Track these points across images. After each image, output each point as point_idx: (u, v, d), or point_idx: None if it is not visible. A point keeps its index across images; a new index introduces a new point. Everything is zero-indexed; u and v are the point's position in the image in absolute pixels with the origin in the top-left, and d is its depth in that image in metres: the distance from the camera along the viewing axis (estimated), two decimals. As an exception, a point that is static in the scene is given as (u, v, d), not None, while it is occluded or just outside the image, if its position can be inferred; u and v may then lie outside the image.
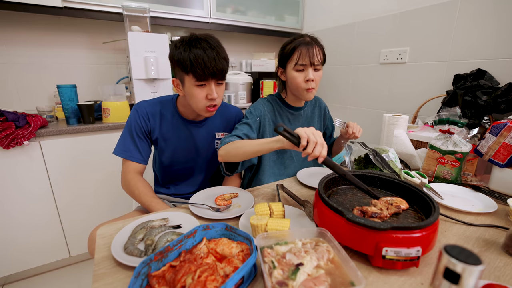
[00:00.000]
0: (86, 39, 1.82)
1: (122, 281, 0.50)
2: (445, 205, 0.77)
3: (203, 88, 0.86)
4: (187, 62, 0.81)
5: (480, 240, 0.63)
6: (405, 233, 0.51)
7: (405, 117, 1.14)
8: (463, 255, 0.31)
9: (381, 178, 0.76)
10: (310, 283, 0.44)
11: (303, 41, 0.95)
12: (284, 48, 0.99)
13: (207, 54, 0.81)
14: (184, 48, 0.82)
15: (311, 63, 0.93)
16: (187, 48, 0.82)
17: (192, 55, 0.81)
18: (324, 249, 0.51)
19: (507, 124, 0.84)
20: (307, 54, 0.93)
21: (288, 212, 0.73)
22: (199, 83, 0.84)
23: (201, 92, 0.86)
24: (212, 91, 0.86)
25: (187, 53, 0.81)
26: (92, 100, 1.73)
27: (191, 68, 0.82)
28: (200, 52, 0.81)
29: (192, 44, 0.82)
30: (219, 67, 0.83)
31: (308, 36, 0.97)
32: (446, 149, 0.91)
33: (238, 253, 0.52)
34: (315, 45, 0.95)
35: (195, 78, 0.83)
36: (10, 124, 1.26)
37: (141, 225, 0.65)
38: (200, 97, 0.87)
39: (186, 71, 0.83)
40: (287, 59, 0.98)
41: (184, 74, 0.85)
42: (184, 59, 0.82)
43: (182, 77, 0.87)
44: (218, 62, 0.83)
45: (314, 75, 0.95)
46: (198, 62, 0.81)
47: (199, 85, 0.85)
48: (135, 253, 0.56)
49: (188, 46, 0.82)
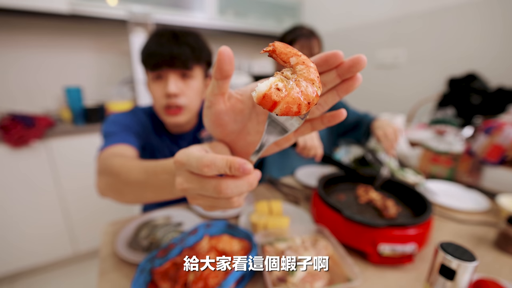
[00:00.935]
0: (91, 42, 1.84)
1: (126, 277, 0.51)
2: (439, 203, 0.79)
3: (160, 82, 0.70)
4: (141, 52, 0.71)
5: (472, 236, 0.65)
6: (400, 230, 0.52)
7: (400, 118, 1.16)
8: (458, 252, 0.32)
9: (377, 177, 0.78)
10: (308, 279, 0.46)
11: (303, 33, 0.96)
12: (284, 38, 0.99)
13: (162, 38, 0.69)
14: (147, 39, 0.72)
15: (311, 54, 0.95)
16: (148, 39, 0.71)
17: (147, 42, 0.71)
18: (323, 246, 0.53)
19: (498, 125, 0.86)
20: (307, 46, 0.94)
21: (288, 210, 0.75)
22: (154, 74, 0.70)
23: (158, 87, 0.71)
24: (167, 84, 0.68)
25: (145, 43, 0.71)
26: (97, 101, 1.74)
27: (143, 57, 0.70)
28: (154, 38, 0.70)
29: (155, 34, 0.71)
30: (175, 52, 0.67)
31: (308, 28, 0.98)
32: (440, 149, 0.93)
33: (239, 250, 0.53)
34: (314, 38, 0.96)
35: (149, 68, 0.70)
36: (18, 125, 1.28)
37: (145, 223, 0.66)
38: (158, 94, 0.70)
39: (142, 63, 0.72)
40: None
41: (145, 70, 0.73)
42: (141, 50, 0.71)
43: (146, 74, 0.75)
44: (174, 47, 0.67)
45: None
46: (150, 48, 0.68)
47: (156, 78, 0.71)
48: (138, 250, 0.57)
49: (150, 36, 0.72)
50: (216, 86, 0.26)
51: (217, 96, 0.27)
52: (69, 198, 1.52)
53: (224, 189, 0.24)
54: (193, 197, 0.27)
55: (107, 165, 0.50)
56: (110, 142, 0.63)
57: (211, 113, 0.28)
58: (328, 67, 0.26)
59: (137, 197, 0.45)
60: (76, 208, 1.55)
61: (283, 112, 0.22)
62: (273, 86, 0.21)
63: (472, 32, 1.35)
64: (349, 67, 0.25)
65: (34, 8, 1.38)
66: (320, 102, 0.28)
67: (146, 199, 0.44)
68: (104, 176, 0.51)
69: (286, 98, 0.21)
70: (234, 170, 0.23)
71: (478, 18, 1.32)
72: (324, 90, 0.27)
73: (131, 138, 0.67)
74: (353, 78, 0.26)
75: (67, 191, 1.50)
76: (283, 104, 0.21)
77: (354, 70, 0.25)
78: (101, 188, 0.52)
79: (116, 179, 0.46)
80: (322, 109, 0.29)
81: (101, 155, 0.58)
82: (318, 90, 0.23)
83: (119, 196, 0.49)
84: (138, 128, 0.74)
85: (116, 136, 0.65)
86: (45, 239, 1.50)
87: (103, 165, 0.52)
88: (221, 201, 0.26)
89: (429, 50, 1.53)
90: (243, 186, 0.25)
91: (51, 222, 1.50)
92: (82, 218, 1.59)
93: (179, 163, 0.26)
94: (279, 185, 0.93)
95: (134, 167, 0.43)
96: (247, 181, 0.25)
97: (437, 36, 1.49)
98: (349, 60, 0.25)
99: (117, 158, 0.52)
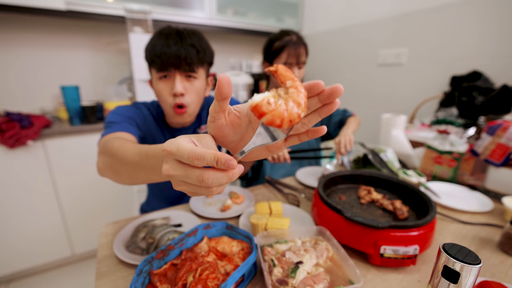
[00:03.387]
0: (89, 41, 1.83)
1: (124, 278, 0.50)
2: (442, 204, 0.78)
3: (167, 82, 0.74)
4: (147, 50, 0.73)
5: (476, 238, 0.64)
6: (403, 231, 0.52)
7: (403, 117, 1.15)
8: (461, 253, 0.31)
9: (379, 177, 0.77)
10: (309, 281, 0.45)
11: (291, 41, 0.99)
12: (273, 44, 1.02)
13: (169, 39, 0.71)
14: (152, 38, 0.74)
15: (297, 62, 0.99)
16: (155, 38, 0.73)
17: (151, 40, 0.73)
18: (324, 248, 0.52)
19: (502, 124, 0.85)
20: (295, 54, 0.98)
21: (288, 211, 0.74)
22: (161, 74, 0.74)
23: (165, 86, 0.74)
24: (175, 84, 0.73)
25: (152, 42, 0.73)
26: (94, 101, 1.74)
27: (150, 56, 0.73)
28: (161, 38, 0.72)
29: (161, 33, 0.73)
30: (182, 54, 0.71)
31: (295, 34, 1.01)
32: (443, 149, 0.92)
33: (239, 251, 0.53)
34: (302, 45, 1.00)
35: (156, 68, 0.73)
36: (14, 125, 1.27)
37: (143, 224, 0.65)
38: (165, 93, 0.75)
39: (148, 62, 0.75)
40: (275, 57, 1.01)
41: (149, 68, 0.76)
42: (147, 48, 0.74)
43: (150, 72, 0.78)
44: (181, 48, 0.71)
45: (298, 72, 1.01)
46: (157, 48, 0.71)
47: (162, 77, 0.74)
48: (137, 252, 0.56)
49: (156, 35, 0.74)
50: (217, 105, 0.30)
51: (219, 113, 0.32)
52: (66, 199, 1.51)
53: (206, 179, 0.28)
54: (178, 183, 0.31)
55: (107, 147, 0.55)
56: (112, 129, 0.67)
57: (214, 126, 0.33)
58: (312, 94, 0.30)
59: (131, 177, 0.49)
60: (73, 208, 1.54)
61: (268, 122, 0.27)
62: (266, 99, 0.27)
63: (476, 30, 1.34)
64: (328, 95, 0.30)
65: (31, 4, 1.37)
66: (304, 121, 0.33)
67: (139, 180, 0.48)
68: (104, 156, 0.56)
69: (273, 111, 0.27)
70: (220, 165, 0.27)
71: (482, 16, 1.31)
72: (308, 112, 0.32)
73: (132, 128, 0.72)
74: (332, 103, 0.31)
75: (64, 192, 1.49)
76: (269, 116, 0.27)
77: (333, 97, 0.30)
78: (100, 167, 0.57)
79: (114, 159, 0.51)
80: (306, 127, 0.34)
81: (102, 139, 0.63)
82: (302, 112, 0.28)
83: (115, 176, 0.53)
84: (139, 120, 0.79)
85: (118, 125, 0.70)
86: (42, 240, 1.49)
87: (103, 147, 0.57)
88: (202, 189, 0.30)
89: (432, 48, 1.52)
90: (223, 178, 0.29)
91: (48, 222, 1.49)
92: (80, 219, 1.57)
93: (167, 152, 0.29)
94: (279, 186, 0.93)
95: (129, 149, 0.47)
96: (227, 174, 0.29)
97: (440, 34, 1.47)
98: (328, 88, 0.30)
99: (116, 140, 0.56)
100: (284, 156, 0.91)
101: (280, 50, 0.99)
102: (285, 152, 0.91)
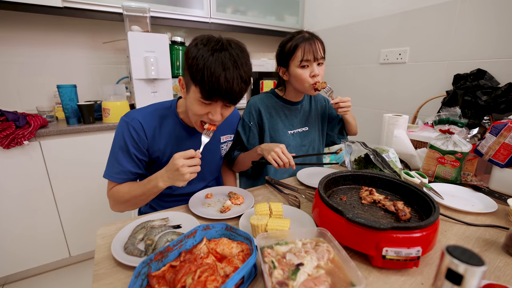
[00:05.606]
0: (86, 39, 1.82)
1: (122, 281, 0.50)
2: (445, 205, 0.77)
3: (206, 106, 0.72)
4: (199, 73, 0.66)
5: (480, 240, 0.63)
6: (405, 233, 0.51)
7: (405, 117, 1.14)
8: (465, 255, 0.31)
9: (381, 178, 0.76)
10: (310, 283, 0.44)
11: (303, 37, 0.95)
12: (284, 46, 0.99)
13: (226, 72, 0.66)
14: (203, 54, 0.66)
15: (315, 58, 0.94)
16: (206, 55, 0.66)
17: (208, 66, 0.65)
18: (324, 249, 0.51)
19: (507, 124, 0.84)
20: (310, 50, 0.93)
21: (288, 212, 0.73)
22: (204, 101, 0.70)
23: (202, 109, 0.72)
24: (216, 112, 0.72)
25: (203, 61, 0.66)
26: (92, 100, 1.72)
27: (200, 82, 0.67)
28: (219, 67, 0.66)
29: (213, 51, 0.66)
30: (236, 90, 0.68)
31: (306, 31, 0.98)
32: (446, 149, 0.91)
33: (238, 253, 0.52)
34: (316, 40, 0.96)
35: (201, 94, 0.68)
36: (10, 124, 1.26)
37: (141, 225, 0.65)
38: (200, 113, 0.73)
39: (194, 81, 0.68)
40: (290, 57, 0.98)
41: (191, 82, 0.70)
42: (198, 67, 0.66)
43: (188, 83, 0.72)
44: (236, 84, 0.67)
45: (318, 70, 0.97)
46: (211, 80, 0.65)
47: (204, 103, 0.71)
48: (135, 253, 0.56)
49: (209, 52, 0.66)
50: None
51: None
52: (63, 200, 1.49)
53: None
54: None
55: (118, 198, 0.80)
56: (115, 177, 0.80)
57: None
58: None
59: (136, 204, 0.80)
60: (70, 209, 1.52)
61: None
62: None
63: (479, 28, 1.32)
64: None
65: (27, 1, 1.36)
66: None
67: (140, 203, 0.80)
68: (117, 204, 0.82)
69: None
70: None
71: (486, 13, 1.29)
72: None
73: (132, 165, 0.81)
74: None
75: (61, 192, 1.47)
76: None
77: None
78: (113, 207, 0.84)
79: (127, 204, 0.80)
80: None
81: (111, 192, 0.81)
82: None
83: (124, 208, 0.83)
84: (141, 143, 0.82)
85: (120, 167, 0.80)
86: (38, 241, 1.48)
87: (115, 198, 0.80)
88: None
89: (435, 47, 1.50)
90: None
91: (45, 223, 1.47)
92: (77, 220, 1.56)
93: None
94: (280, 186, 0.92)
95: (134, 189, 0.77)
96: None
97: (442, 32, 1.46)
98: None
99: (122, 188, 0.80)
100: (290, 162, 0.87)
101: (294, 49, 0.95)
102: (290, 158, 0.87)
